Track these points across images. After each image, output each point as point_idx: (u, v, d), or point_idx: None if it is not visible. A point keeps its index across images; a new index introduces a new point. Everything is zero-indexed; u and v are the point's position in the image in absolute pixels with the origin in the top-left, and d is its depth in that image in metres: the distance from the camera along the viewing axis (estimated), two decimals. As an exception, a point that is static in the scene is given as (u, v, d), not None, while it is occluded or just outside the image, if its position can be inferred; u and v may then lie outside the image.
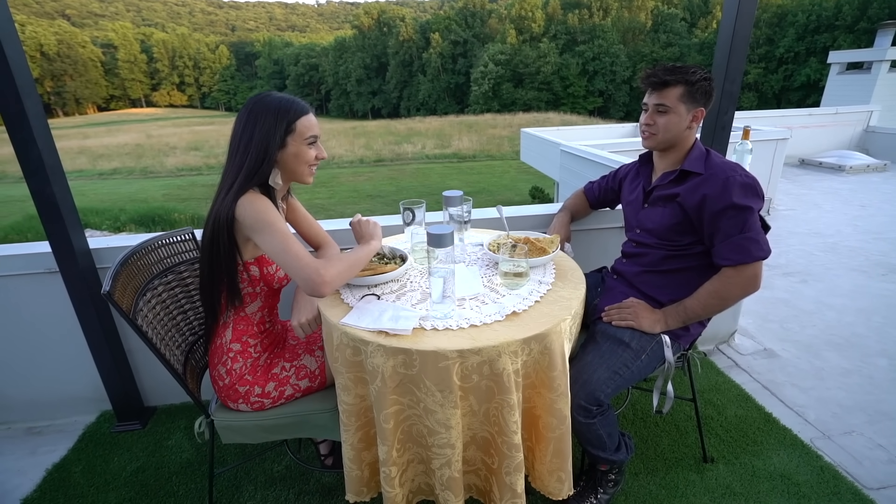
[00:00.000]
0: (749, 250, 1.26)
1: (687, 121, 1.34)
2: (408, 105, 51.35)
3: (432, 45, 48.02)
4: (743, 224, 1.25)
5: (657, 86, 1.33)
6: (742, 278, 1.28)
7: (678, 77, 1.30)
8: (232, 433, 1.29)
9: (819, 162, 6.85)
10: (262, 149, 1.15)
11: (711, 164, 1.32)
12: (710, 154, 1.36)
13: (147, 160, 21.43)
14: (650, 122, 1.37)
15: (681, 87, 1.31)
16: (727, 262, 1.28)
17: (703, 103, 1.33)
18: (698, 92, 1.31)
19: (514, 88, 42.55)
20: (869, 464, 1.63)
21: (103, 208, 13.19)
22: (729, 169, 1.29)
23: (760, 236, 1.27)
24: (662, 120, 1.34)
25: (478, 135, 24.89)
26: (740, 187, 1.25)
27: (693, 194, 1.31)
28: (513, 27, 44.74)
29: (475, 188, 14.31)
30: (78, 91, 66.10)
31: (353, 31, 57.83)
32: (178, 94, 78.26)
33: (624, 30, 42.83)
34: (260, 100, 1.17)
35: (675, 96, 1.31)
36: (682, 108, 1.32)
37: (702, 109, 1.34)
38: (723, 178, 1.26)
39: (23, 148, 1.53)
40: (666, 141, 1.37)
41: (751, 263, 1.26)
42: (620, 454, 1.38)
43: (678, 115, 1.33)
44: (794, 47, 30.36)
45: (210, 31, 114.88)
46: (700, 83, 1.30)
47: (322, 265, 1.10)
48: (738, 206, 1.24)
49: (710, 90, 1.33)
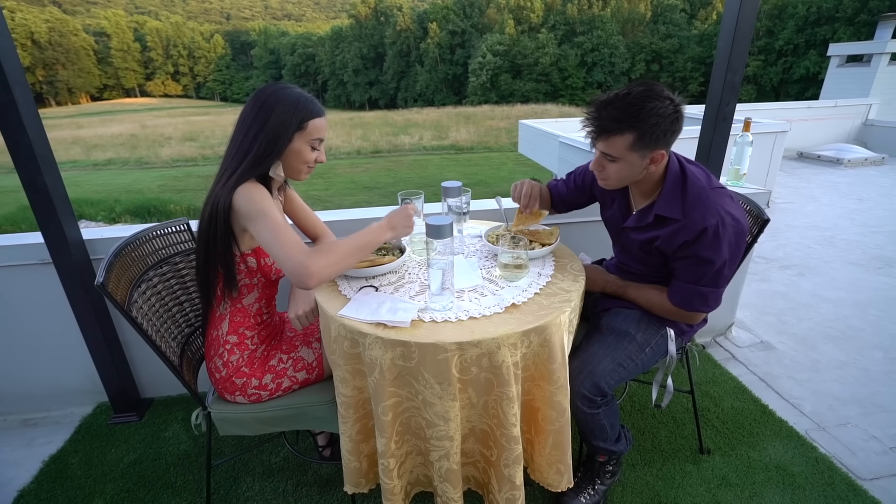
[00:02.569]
0: (692, 302, 1.24)
1: (643, 166, 1.14)
2: (405, 96, 50.93)
3: (430, 36, 47.53)
4: (700, 276, 1.19)
5: (600, 133, 1.11)
6: (676, 314, 1.31)
7: (624, 125, 1.06)
8: (229, 425, 1.28)
9: (817, 155, 6.85)
10: (272, 138, 1.13)
11: (690, 206, 1.15)
12: (686, 183, 1.17)
13: (142, 151, 21.21)
14: (599, 169, 1.20)
15: (630, 135, 1.07)
16: (672, 299, 1.28)
17: (662, 144, 1.10)
18: (653, 135, 1.06)
19: (513, 79, 42.25)
20: (863, 455, 1.64)
21: (98, 199, 13.07)
22: (709, 213, 1.12)
23: (712, 293, 1.21)
24: (612, 168, 1.16)
25: (475, 126, 24.75)
26: (714, 239, 1.13)
27: (671, 241, 1.20)
28: (511, 17, 44.31)
29: (473, 180, 14.25)
30: (70, 80, 65.17)
31: (349, 20, 57.11)
32: (173, 83, 77.29)
33: (623, 21, 42.48)
34: (279, 90, 1.15)
35: (624, 146, 1.09)
36: (634, 157, 1.11)
37: (661, 152, 1.12)
38: (700, 229, 1.13)
39: (12, 137, 1.50)
40: (623, 184, 1.23)
41: (688, 311, 1.27)
42: (620, 445, 1.38)
43: (629, 164, 1.13)
44: (794, 39, 30.21)
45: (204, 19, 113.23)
46: (655, 126, 1.05)
47: (308, 255, 1.04)
48: (702, 258, 1.16)
49: (673, 126, 1.08)
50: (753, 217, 1.42)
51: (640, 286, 1.37)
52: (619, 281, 1.41)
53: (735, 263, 1.20)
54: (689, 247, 1.17)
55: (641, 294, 1.35)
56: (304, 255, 1.04)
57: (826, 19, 28.57)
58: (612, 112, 1.08)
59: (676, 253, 1.21)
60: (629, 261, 1.42)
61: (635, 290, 1.37)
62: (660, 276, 1.34)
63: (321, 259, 1.05)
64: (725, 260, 1.16)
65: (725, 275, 1.20)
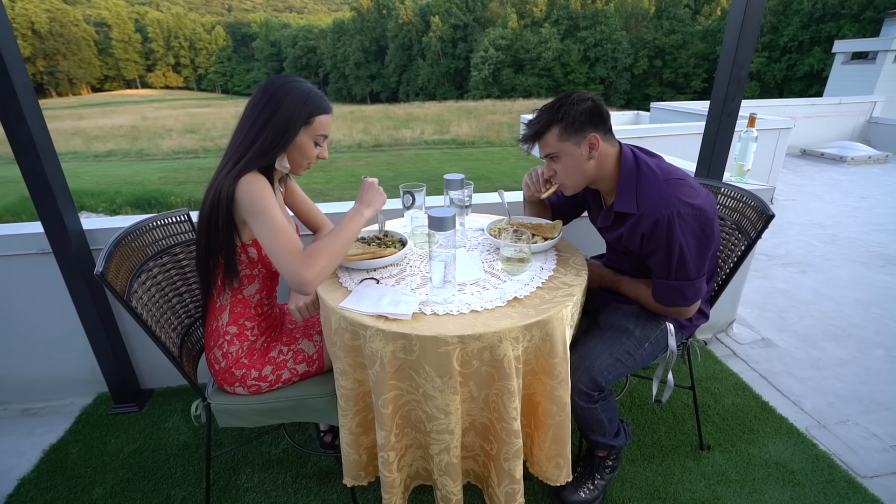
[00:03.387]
0: (670, 297, 1.25)
1: (584, 154, 1.20)
2: (407, 90, 50.70)
3: (432, 29, 47.23)
4: (668, 270, 1.19)
5: (532, 139, 1.23)
6: (665, 310, 1.31)
7: (545, 122, 1.19)
8: (228, 416, 1.28)
9: (821, 152, 6.82)
10: (280, 129, 1.13)
11: (643, 199, 1.18)
12: (640, 178, 1.20)
13: (142, 142, 21.15)
14: (551, 173, 1.27)
15: (555, 128, 1.18)
16: (654, 297, 1.29)
17: (591, 128, 1.18)
18: (576, 121, 1.16)
19: (515, 74, 42.02)
20: (863, 452, 1.64)
21: (99, 191, 13.05)
22: (662, 205, 1.14)
23: (687, 286, 1.20)
24: (559, 166, 1.23)
25: (477, 121, 24.65)
26: (669, 230, 1.14)
27: (632, 237, 1.22)
28: (514, 11, 43.99)
29: (474, 174, 14.21)
30: (71, 71, 64.86)
31: (351, 13, 56.75)
32: (174, 75, 76.94)
33: (627, 16, 42.18)
34: (290, 82, 1.15)
35: (555, 139, 1.19)
36: (569, 146, 1.19)
37: (594, 134, 1.18)
38: (653, 220, 1.15)
39: (11, 125, 1.48)
40: (582, 183, 1.26)
41: (670, 307, 1.28)
42: (619, 440, 1.38)
43: (570, 155, 1.20)
44: (799, 36, 29.99)
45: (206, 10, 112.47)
46: (572, 112, 1.16)
47: (304, 264, 1.04)
48: (662, 250, 1.17)
49: (592, 110, 1.17)
50: (758, 213, 1.41)
51: (633, 281, 1.37)
52: (614, 276, 1.42)
53: (705, 252, 1.18)
54: (648, 241, 1.19)
55: (633, 289, 1.36)
56: (300, 264, 1.04)
57: (831, 16, 28.34)
58: (534, 119, 1.22)
59: (642, 249, 1.23)
60: (616, 259, 1.44)
61: (628, 284, 1.38)
62: (644, 273, 1.34)
63: (316, 265, 1.06)
64: (689, 249, 1.15)
65: (694, 264, 1.18)
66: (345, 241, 1.14)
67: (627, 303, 1.39)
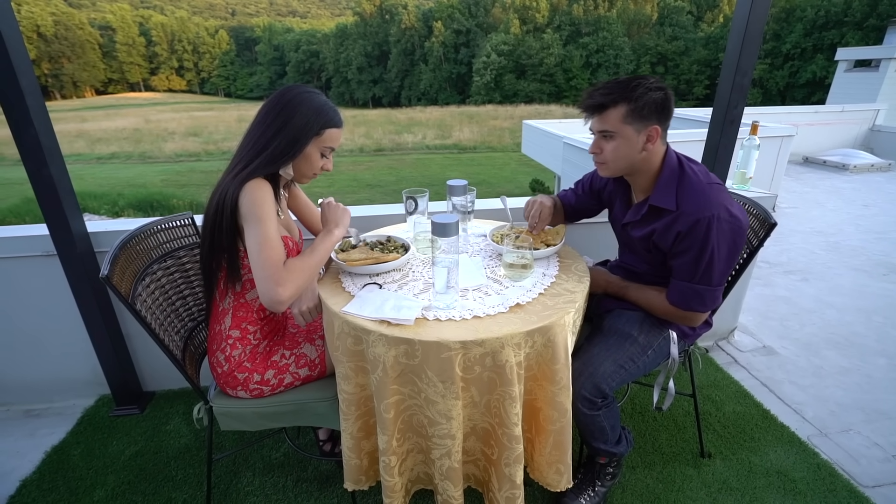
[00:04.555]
0: (689, 301, 1.23)
1: (640, 143, 1.16)
2: (409, 94, 50.92)
3: (435, 34, 47.50)
4: (694, 272, 1.18)
5: (594, 109, 1.16)
6: (675, 314, 1.29)
7: (616, 96, 1.12)
8: (230, 420, 1.28)
9: (823, 160, 6.82)
10: (292, 138, 1.15)
11: (684, 197, 1.16)
12: (683, 176, 1.19)
13: (145, 145, 21.28)
14: (597, 151, 1.22)
15: (622, 107, 1.13)
16: (669, 298, 1.27)
17: (655, 119, 1.14)
18: (645, 108, 1.12)
19: (517, 79, 42.21)
20: (865, 462, 1.64)
21: (101, 193, 13.13)
22: (704, 206, 1.13)
23: (708, 291, 1.19)
24: (609, 146, 1.18)
25: (479, 126, 24.75)
26: (707, 232, 1.12)
27: (667, 234, 1.20)
28: (516, 17, 44.25)
29: (476, 180, 14.25)
30: (76, 74, 65.33)
31: (354, 17, 57.13)
32: (177, 78, 77.41)
33: (629, 22, 42.40)
34: (305, 92, 1.17)
35: (618, 118, 1.14)
36: (630, 131, 1.14)
37: (656, 127, 1.15)
38: (693, 220, 1.13)
39: (19, 128, 1.50)
40: (622, 169, 1.23)
41: (685, 311, 1.26)
42: (621, 447, 1.38)
43: (626, 139, 1.16)
44: (801, 43, 30.09)
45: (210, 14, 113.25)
46: (645, 98, 1.11)
47: (282, 282, 1.08)
48: (695, 252, 1.15)
49: (664, 102, 1.13)
50: (760, 221, 1.42)
51: (641, 287, 1.36)
52: (620, 282, 1.41)
53: (732, 261, 1.18)
54: (682, 240, 1.17)
55: (642, 295, 1.35)
56: (277, 281, 1.08)
57: (834, 23, 28.44)
58: (603, 89, 1.15)
59: (672, 248, 1.20)
60: (633, 261, 1.42)
61: (636, 290, 1.37)
62: (661, 275, 1.33)
63: (291, 285, 1.10)
64: (720, 255, 1.15)
65: (721, 271, 1.17)
66: (319, 261, 1.20)
67: (631, 309, 1.39)
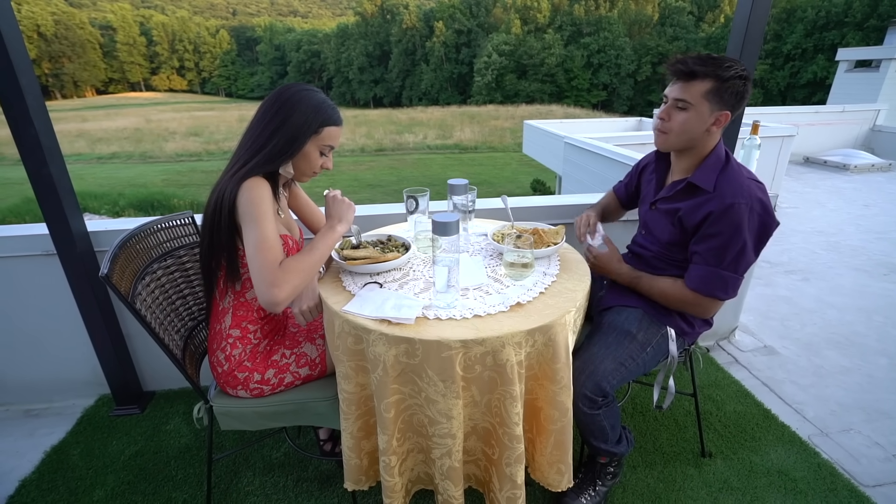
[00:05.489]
0: (712, 286, 1.22)
1: (708, 123, 1.18)
2: (410, 94, 50.93)
3: (436, 34, 47.50)
4: (722, 257, 1.18)
5: (683, 76, 1.17)
6: (692, 301, 1.27)
7: (709, 69, 1.13)
8: (230, 419, 1.28)
9: (824, 160, 6.82)
10: (291, 136, 1.14)
11: (724, 182, 1.19)
12: (727, 165, 1.22)
13: (146, 145, 21.29)
14: (664, 118, 1.22)
15: (709, 82, 1.14)
16: (690, 283, 1.26)
17: (730, 106, 1.17)
18: (728, 91, 1.15)
19: (518, 80, 42.21)
20: (866, 461, 1.63)
21: (102, 192, 13.14)
22: (740, 193, 1.15)
23: (733, 279, 1.20)
24: (680, 117, 1.19)
25: (480, 126, 24.75)
26: (740, 218, 1.14)
27: (695, 213, 1.21)
28: (518, 17, 44.26)
29: (477, 180, 14.25)
30: (76, 74, 65.35)
31: (355, 17, 57.14)
32: (178, 78, 77.44)
33: (630, 22, 42.39)
34: (303, 90, 1.16)
35: (700, 92, 1.15)
36: (706, 108, 1.16)
37: (727, 113, 1.17)
38: (728, 203, 1.15)
39: (19, 127, 1.50)
40: (680, 143, 1.24)
41: (704, 296, 1.24)
42: (621, 447, 1.38)
43: (698, 115, 1.17)
44: (802, 44, 30.07)
45: (210, 14, 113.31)
46: (733, 80, 1.14)
47: (278, 283, 1.06)
48: (726, 236, 1.16)
49: (744, 91, 1.16)
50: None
51: (654, 277, 1.34)
52: (632, 272, 1.38)
53: (756, 252, 1.20)
54: (714, 223, 1.17)
55: (655, 284, 1.33)
56: (274, 282, 1.06)
57: (835, 24, 28.43)
58: (698, 60, 1.15)
59: (700, 229, 1.21)
60: (644, 242, 1.43)
61: (649, 280, 1.34)
62: (670, 261, 1.34)
63: (288, 286, 1.08)
64: (749, 244, 1.17)
65: (748, 260, 1.19)
66: (319, 259, 1.17)
67: (631, 305, 1.39)
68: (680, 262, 1.33)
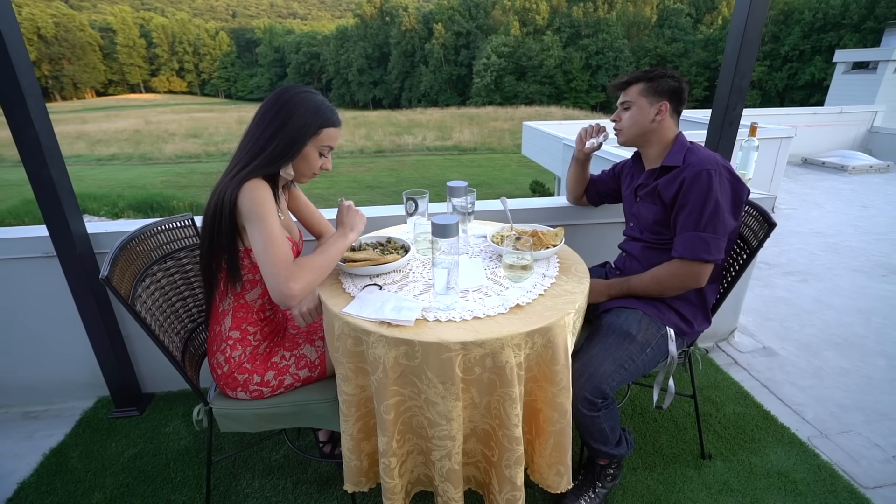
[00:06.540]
0: (696, 248, 1.29)
1: (651, 114, 1.38)
2: (409, 96, 50.98)
3: (435, 36, 47.57)
4: (699, 220, 1.27)
5: (623, 85, 1.43)
6: (683, 272, 1.33)
7: (639, 75, 1.40)
8: (230, 421, 1.28)
9: (822, 161, 6.83)
10: (290, 139, 1.15)
11: (690, 156, 1.34)
12: (692, 148, 1.37)
13: (146, 146, 21.29)
14: (616, 119, 1.47)
15: (642, 83, 1.39)
16: (675, 252, 1.33)
17: (667, 97, 1.37)
18: (661, 87, 1.37)
19: (517, 81, 42.26)
20: (866, 463, 1.64)
21: (101, 194, 13.13)
22: (707, 161, 1.29)
23: (713, 239, 1.28)
24: (626, 115, 1.42)
25: (479, 127, 24.78)
26: (709, 181, 1.26)
27: (670, 186, 1.33)
28: (517, 19, 44.35)
29: (476, 181, 14.26)
30: (76, 75, 65.34)
31: (355, 19, 57.23)
32: (178, 80, 77.43)
33: (629, 24, 42.51)
34: (302, 93, 1.17)
35: (637, 91, 1.39)
36: (644, 102, 1.38)
37: (666, 103, 1.37)
38: (696, 171, 1.27)
39: (20, 129, 1.50)
40: (634, 135, 1.43)
41: (692, 260, 1.30)
42: (621, 449, 1.38)
43: (640, 109, 1.39)
44: (800, 45, 30.17)
45: (210, 16, 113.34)
46: (660, 79, 1.37)
47: (293, 277, 1.07)
48: (700, 200, 1.26)
49: (676, 86, 1.37)
50: (759, 222, 1.42)
51: (642, 274, 1.41)
52: (620, 281, 1.44)
53: (736, 214, 1.30)
54: (687, 191, 1.29)
55: (645, 277, 1.40)
56: (288, 276, 1.06)
57: (832, 25, 28.52)
58: (629, 73, 1.44)
59: (677, 199, 1.31)
60: (639, 231, 1.49)
61: (637, 279, 1.41)
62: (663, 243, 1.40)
63: (303, 280, 1.09)
64: (724, 205, 1.27)
65: (725, 221, 1.27)
66: (331, 261, 1.18)
67: (630, 307, 1.40)
68: (668, 243, 1.39)
